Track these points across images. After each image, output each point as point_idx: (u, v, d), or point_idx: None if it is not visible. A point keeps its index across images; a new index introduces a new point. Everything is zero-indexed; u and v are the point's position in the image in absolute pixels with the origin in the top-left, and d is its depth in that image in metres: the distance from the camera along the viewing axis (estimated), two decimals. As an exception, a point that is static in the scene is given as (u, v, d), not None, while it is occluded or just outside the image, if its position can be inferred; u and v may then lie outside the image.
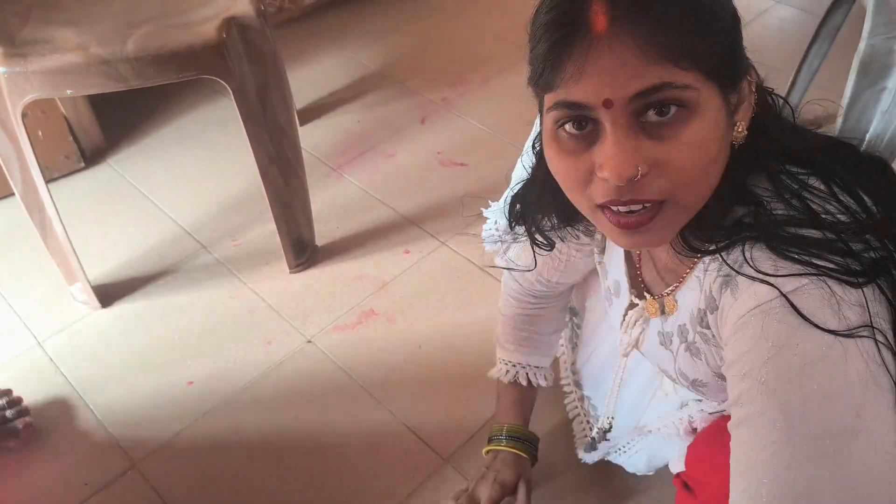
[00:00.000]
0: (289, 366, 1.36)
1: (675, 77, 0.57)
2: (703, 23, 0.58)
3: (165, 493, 1.18)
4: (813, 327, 0.57)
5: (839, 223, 0.61)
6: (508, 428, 1.09)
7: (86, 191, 1.75)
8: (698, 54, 0.58)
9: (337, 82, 2.07)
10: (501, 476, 1.05)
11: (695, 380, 0.81)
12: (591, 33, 0.56)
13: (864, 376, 0.56)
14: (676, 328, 0.78)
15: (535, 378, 1.11)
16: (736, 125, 0.64)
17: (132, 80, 1.21)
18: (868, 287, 0.59)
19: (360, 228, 1.63)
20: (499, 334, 1.13)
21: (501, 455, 1.08)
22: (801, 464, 0.55)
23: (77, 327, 1.44)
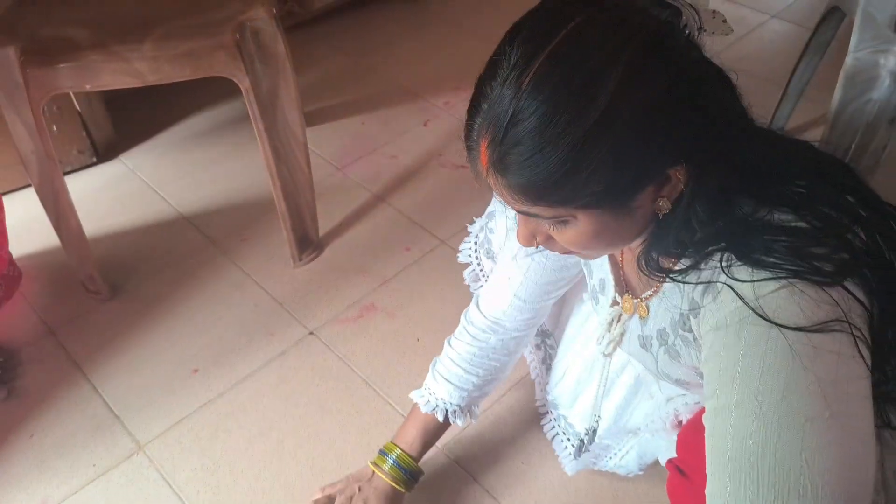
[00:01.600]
0: (291, 356, 1.40)
1: (543, 212, 0.66)
2: (565, 177, 0.62)
3: (170, 476, 1.22)
4: (783, 327, 0.61)
5: (810, 228, 0.65)
6: (400, 455, 1.08)
7: (97, 185, 1.79)
8: (561, 199, 0.64)
9: (343, 86, 2.12)
10: None
11: (677, 379, 0.85)
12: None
13: (835, 368, 0.60)
14: (656, 332, 0.82)
15: (452, 417, 1.08)
16: (658, 201, 0.67)
17: (149, 76, 1.26)
18: (840, 286, 0.62)
19: (362, 226, 1.67)
20: (439, 362, 1.10)
21: (378, 483, 1.07)
22: (775, 450, 0.59)
23: (87, 317, 1.48)
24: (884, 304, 0.65)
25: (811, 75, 1.66)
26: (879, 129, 1.30)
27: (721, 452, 0.62)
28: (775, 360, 0.61)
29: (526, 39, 0.62)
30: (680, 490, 0.88)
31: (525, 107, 0.60)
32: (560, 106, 0.59)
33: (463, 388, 1.06)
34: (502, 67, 0.63)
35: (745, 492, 0.59)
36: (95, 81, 1.27)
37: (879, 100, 1.28)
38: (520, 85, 0.61)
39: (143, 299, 1.52)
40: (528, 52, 0.61)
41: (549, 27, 0.62)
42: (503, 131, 0.62)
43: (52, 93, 1.27)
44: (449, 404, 1.07)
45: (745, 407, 0.61)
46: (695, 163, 0.64)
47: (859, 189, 0.71)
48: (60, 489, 1.21)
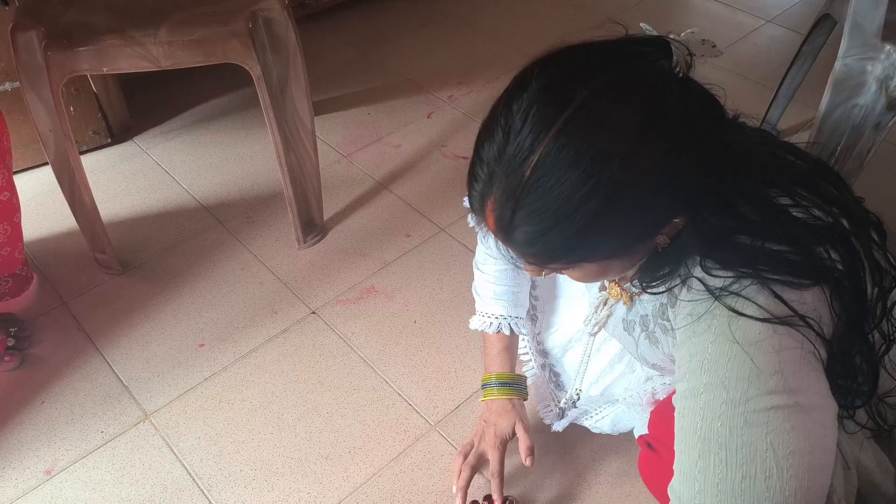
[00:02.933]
0: (293, 334, 1.46)
1: (549, 266, 0.70)
2: (574, 249, 0.65)
3: (175, 444, 1.28)
4: (751, 319, 0.65)
5: (792, 241, 0.68)
6: (497, 375, 1.15)
7: (111, 165, 1.85)
8: (570, 261, 0.68)
9: (351, 77, 2.17)
10: (499, 428, 1.11)
11: (654, 364, 0.90)
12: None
13: (798, 359, 0.64)
14: (639, 318, 0.86)
15: (517, 327, 1.15)
16: (657, 237, 0.70)
17: (163, 61, 1.31)
18: (811, 288, 0.66)
19: (365, 212, 1.73)
20: (477, 287, 1.17)
21: (494, 406, 1.13)
22: (741, 432, 0.63)
23: (98, 290, 1.54)
24: (850, 309, 0.68)
25: (802, 79, 1.70)
26: (864, 133, 1.35)
27: (691, 432, 0.66)
28: (744, 338, 0.64)
29: (526, 117, 0.62)
30: (650, 463, 0.93)
31: (532, 190, 0.61)
32: (569, 189, 0.60)
33: (509, 300, 1.14)
34: (502, 140, 0.63)
35: (714, 469, 0.64)
36: (112, 65, 1.31)
37: (865, 105, 1.33)
38: (525, 170, 0.61)
39: (152, 275, 1.57)
40: (532, 134, 0.61)
41: (550, 106, 0.61)
42: (510, 212, 0.63)
43: (70, 75, 1.32)
44: (510, 318, 1.14)
45: (713, 391, 0.65)
46: (696, 209, 0.67)
47: (841, 193, 0.74)
48: (69, 454, 1.26)
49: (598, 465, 1.24)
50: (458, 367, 1.39)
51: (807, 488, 0.63)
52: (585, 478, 1.23)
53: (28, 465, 1.25)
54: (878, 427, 0.78)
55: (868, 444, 0.83)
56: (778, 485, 0.62)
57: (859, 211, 0.74)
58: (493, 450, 1.10)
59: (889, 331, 0.75)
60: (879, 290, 0.72)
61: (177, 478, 1.23)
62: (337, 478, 1.23)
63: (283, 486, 1.22)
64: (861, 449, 0.83)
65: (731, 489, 0.63)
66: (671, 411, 0.72)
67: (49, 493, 1.21)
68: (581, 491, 1.21)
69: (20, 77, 1.29)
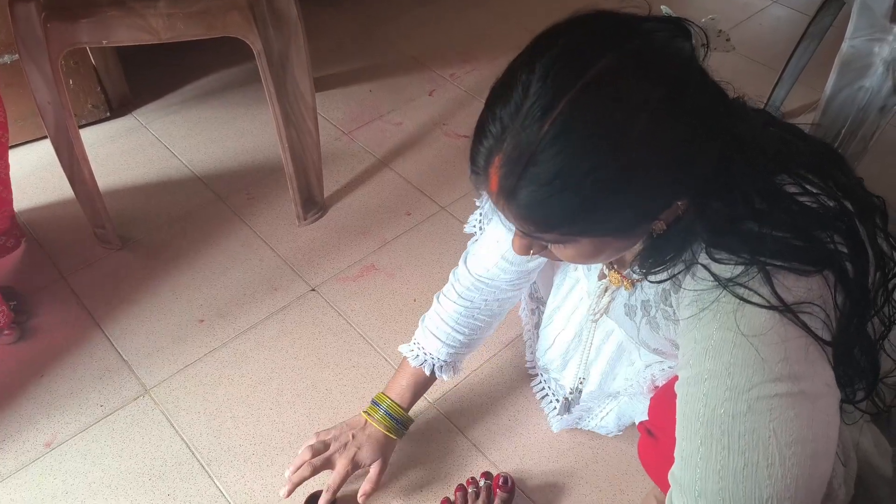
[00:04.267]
0: (293, 311, 1.46)
1: (544, 237, 0.68)
2: (580, 217, 0.63)
3: (174, 419, 1.28)
4: (756, 308, 0.64)
5: (795, 226, 0.67)
6: (390, 405, 1.12)
7: (110, 139, 1.84)
8: (571, 232, 0.66)
9: (353, 54, 2.15)
10: (360, 454, 1.09)
11: (655, 348, 0.90)
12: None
13: (804, 347, 0.63)
14: (640, 303, 0.86)
15: (439, 372, 1.13)
16: (655, 222, 0.69)
17: (163, 33, 1.29)
18: (815, 275, 0.65)
19: (366, 189, 1.72)
20: (426, 318, 1.14)
21: (371, 430, 1.11)
22: (744, 419, 0.63)
23: (98, 265, 1.54)
24: (854, 296, 0.68)
25: (808, 60, 1.69)
26: (869, 116, 1.34)
27: (693, 418, 0.66)
28: (749, 329, 0.64)
29: (548, 74, 0.60)
30: (649, 450, 0.93)
31: (546, 149, 0.60)
32: (583, 154, 0.59)
33: (450, 344, 1.11)
34: (520, 97, 0.61)
35: (717, 456, 0.63)
36: (112, 37, 1.30)
37: (871, 87, 1.31)
38: (541, 126, 0.59)
39: (152, 251, 1.57)
40: (552, 91, 0.59)
41: (574, 67, 0.60)
42: (521, 168, 0.61)
43: (70, 47, 1.30)
44: (436, 359, 1.12)
45: (717, 378, 0.65)
46: (702, 194, 0.66)
47: (846, 178, 0.74)
48: (68, 427, 1.27)
49: (597, 450, 1.25)
50: (458, 345, 1.39)
51: (809, 476, 0.63)
52: (585, 458, 1.23)
53: (28, 437, 1.25)
54: (876, 408, 0.78)
55: (867, 428, 0.84)
56: (780, 472, 0.62)
57: (864, 195, 0.74)
58: (342, 469, 1.09)
59: (890, 314, 0.74)
60: (882, 275, 0.72)
61: (176, 452, 1.24)
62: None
63: (282, 462, 1.22)
64: (861, 433, 0.83)
65: (732, 476, 0.63)
66: (671, 398, 0.71)
67: (49, 465, 1.22)
68: (581, 474, 1.22)
69: (19, 49, 1.28)
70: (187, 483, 1.20)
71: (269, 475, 1.20)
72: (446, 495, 1.17)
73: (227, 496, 1.18)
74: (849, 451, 0.81)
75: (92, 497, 1.18)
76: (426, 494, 1.19)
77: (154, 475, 1.21)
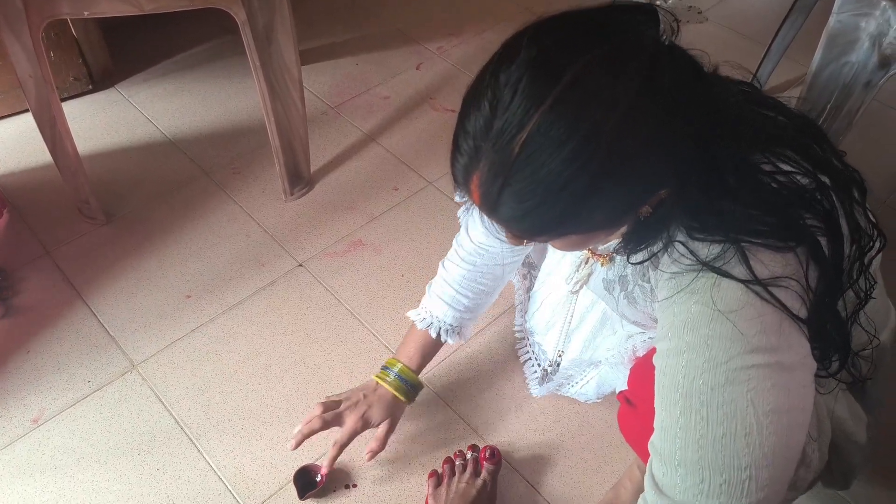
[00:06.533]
0: (280, 286, 1.46)
1: (535, 240, 0.69)
2: (561, 224, 0.64)
3: (162, 394, 1.29)
4: (733, 284, 0.65)
5: (770, 199, 0.68)
6: (402, 369, 1.14)
7: (92, 112, 1.81)
8: (556, 235, 0.67)
9: (339, 26, 2.13)
10: (370, 412, 1.11)
11: (635, 321, 0.92)
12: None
13: (779, 318, 0.65)
14: (618, 278, 0.87)
15: (445, 335, 1.14)
16: (642, 207, 0.69)
17: (145, 4, 1.27)
18: (790, 251, 0.66)
19: (353, 164, 1.71)
20: (433, 284, 1.16)
21: (382, 391, 1.13)
22: (723, 390, 0.64)
23: (83, 240, 1.53)
24: (827, 274, 0.69)
25: (795, 35, 1.69)
26: (855, 92, 1.34)
27: (672, 390, 0.67)
28: (725, 306, 0.65)
29: (515, 92, 0.60)
30: (629, 418, 0.95)
31: (520, 169, 0.60)
32: (557, 169, 0.59)
33: (455, 307, 1.13)
34: (489, 115, 0.61)
35: (696, 426, 0.65)
36: (93, 8, 1.28)
37: (857, 62, 1.32)
38: (513, 148, 0.59)
39: (137, 226, 1.56)
40: (520, 111, 0.59)
41: (540, 83, 0.59)
42: (497, 189, 0.62)
43: (50, 18, 1.28)
44: (442, 322, 1.14)
45: (696, 350, 0.66)
46: (682, 182, 0.66)
47: (824, 152, 0.74)
48: (56, 403, 1.27)
49: (583, 422, 1.27)
50: (445, 320, 1.40)
51: (785, 444, 0.64)
52: (570, 430, 1.25)
53: (15, 413, 1.25)
54: (852, 377, 0.80)
55: (842, 396, 0.86)
56: (757, 441, 0.63)
57: (842, 169, 0.75)
58: (351, 426, 1.10)
59: (866, 287, 0.76)
60: (858, 249, 0.73)
61: (165, 426, 1.24)
62: (324, 428, 1.24)
63: (270, 436, 1.23)
64: (836, 400, 0.85)
65: (711, 445, 0.64)
66: (650, 368, 0.73)
67: (37, 441, 1.22)
68: (567, 446, 1.23)
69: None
70: (176, 457, 1.20)
71: (257, 449, 1.21)
72: (434, 468, 1.18)
73: (216, 470, 1.19)
74: (823, 419, 0.83)
75: (81, 472, 1.18)
76: (414, 467, 1.20)
77: (143, 450, 1.21)
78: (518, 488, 1.18)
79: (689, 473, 0.66)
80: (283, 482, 1.17)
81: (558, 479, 1.19)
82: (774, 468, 0.64)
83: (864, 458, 0.91)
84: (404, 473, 1.19)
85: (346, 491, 1.17)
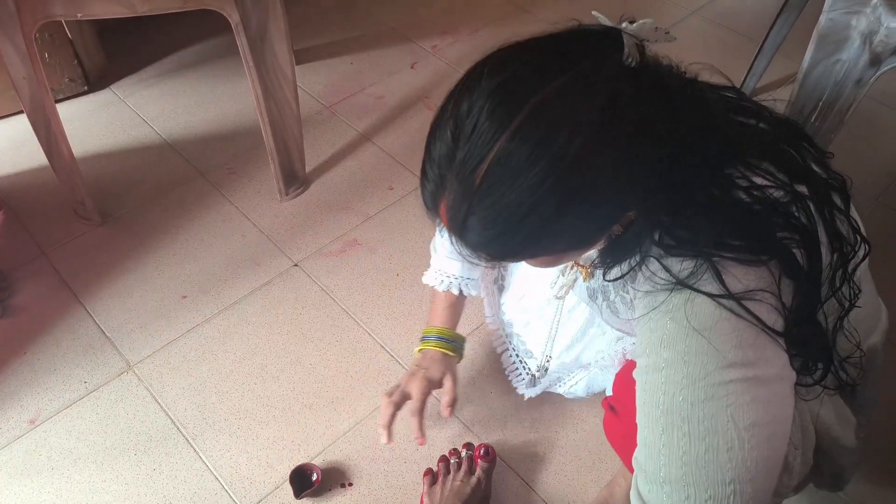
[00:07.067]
0: (275, 286, 1.46)
1: (505, 262, 0.69)
2: (526, 249, 0.65)
3: (158, 394, 1.29)
4: (706, 300, 0.65)
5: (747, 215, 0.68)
6: (438, 330, 1.17)
7: (88, 113, 1.82)
8: (524, 258, 0.68)
9: (333, 25, 2.13)
10: (429, 372, 1.13)
11: (619, 328, 0.92)
12: None
13: (755, 332, 0.65)
14: (600, 287, 0.87)
15: (466, 289, 1.16)
16: (613, 228, 0.69)
17: (139, 6, 1.27)
18: (764, 265, 0.66)
19: (347, 164, 1.71)
20: (436, 243, 1.17)
21: (430, 353, 1.15)
22: (703, 406, 0.64)
23: (79, 241, 1.53)
24: (802, 287, 0.69)
25: (787, 33, 1.69)
26: (846, 89, 1.34)
27: (653, 406, 0.68)
28: (699, 323, 0.66)
29: (476, 123, 0.60)
30: (613, 426, 0.96)
31: (482, 199, 0.60)
32: (518, 198, 0.59)
33: (464, 262, 1.12)
34: (452, 145, 0.61)
35: (678, 443, 0.65)
36: (87, 10, 1.28)
37: (848, 60, 1.32)
38: (474, 179, 0.60)
39: (133, 226, 1.56)
40: (481, 142, 0.60)
41: (500, 114, 0.59)
42: (462, 217, 0.63)
43: (43, 20, 1.28)
44: (460, 278, 1.15)
45: (674, 366, 0.66)
46: (649, 201, 0.66)
47: (804, 160, 0.74)
48: (52, 403, 1.27)
49: (577, 421, 1.27)
50: (440, 319, 1.40)
51: (767, 456, 0.65)
52: (565, 428, 1.26)
53: (12, 414, 1.26)
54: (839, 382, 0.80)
55: (829, 400, 0.86)
56: (740, 455, 0.64)
57: (823, 177, 0.74)
58: (417, 387, 1.11)
59: (850, 295, 0.76)
60: (840, 257, 0.73)
61: (161, 427, 1.25)
62: (320, 427, 1.25)
63: (266, 436, 1.24)
64: (821, 405, 0.85)
65: (695, 461, 0.65)
66: (632, 374, 0.73)
67: (34, 441, 1.23)
68: (561, 444, 1.24)
69: (-9, 22, 1.26)
70: (173, 458, 1.21)
71: (254, 449, 1.22)
72: (429, 466, 1.19)
73: (212, 470, 1.19)
74: (807, 425, 0.84)
75: (78, 473, 1.19)
76: (409, 466, 1.21)
77: (140, 450, 1.22)
78: (513, 486, 1.19)
79: (674, 490, 0.66)
80: (279, 481, 1.18)
81: (553, 477, 1.20)
82: (757, 480, 0.65)
83: (854, 461, 0.91)
84: (399, 472, 1.20)
85: (341, 490, 1.18)
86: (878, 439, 1.14)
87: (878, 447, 1.18)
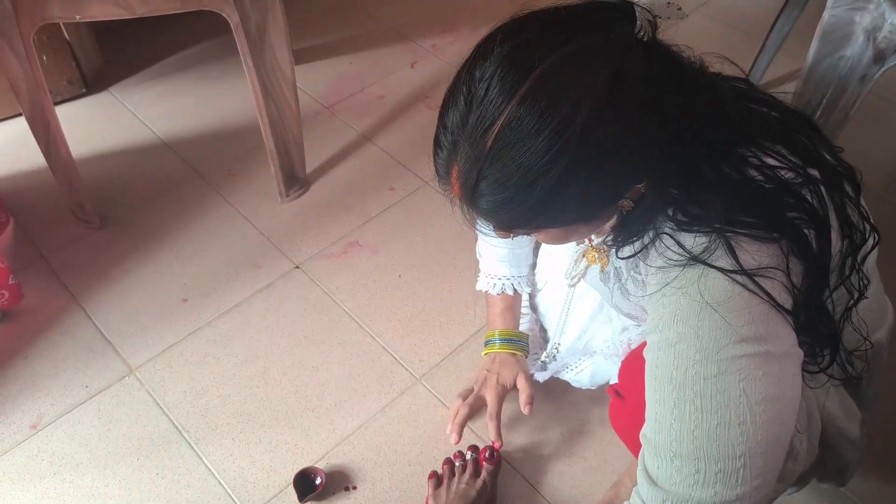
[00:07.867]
0: (277, 288, 1.45)
1: (513, 231, 0.71)
2: (537, 216, 0.66)
3: (160, 398, 1.28)
4: (720, 276, 0.66)
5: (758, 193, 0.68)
6: (502, 332, 1.19)
7: (86, 115, 1.81)
8: (534, 227, 0.68)
9: (332, 25, 2.12)
10: (502, 377, 1.15)
11: (628, 313, 0.92)
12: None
13: (767, 308, 0.65)
14: (613, 269, 0.88)
15: (519, 286, 1.19)
16: (621, 202, 0.70)
17: (137, 8, 1.27)
18: (776, 242, 0.67)
19: (348, 165, 1.71)
20: (480, 249, 1.20)
21: (499, 357, 1.18)
22: (715, 380, 0.65)
23: (78, 244, 1.52)
24: (811, 267, 0.69)
25: (790, 29, 1.68)
26: (850, 85, 1.34)
27: (665, 381, 0.68)
28: (712, 298, 0.66)
29: (488, 88, 0.62)
30: (619, 411, 0.96)
31: (492, 163, 0.62)
32: (527, 162, 0.61)
33: (511, 262, 1.17)
34: (465, 110, 0.63)
35: (690, 416, 0.66)
36: (85, 12, 1.27)
37: (852, 56, 1.32)
38: (486, 142, 0.62)
39: (132, 229, 1.55)
40: (492, 105, 0.61)
41: (511, 78, 0.61)
42: (473, 182, 0.64)
43: (41, 22, 1.27)
44: (513, 278, 1.18)
45: (687, 341, 0.66)
46: (658, 174, 0.67)
47: (815, 148, 0.74)
48: (54, 408, 1.27)
49: (583, 422, 1.26)
50: (443, 320, 1.40)
51: (777, 432, 0.66)
52: (570, 429, 1.25)
53: (13, 419, 1.25)
54: (845, 374, 0.80)
55: (834, 392, 0.86)
56: (751, 429, 0.64)
57: (834, 165, 0.75)
58: (493, 394, 1.14)
59: (859, 285, 0.76)
60: (850, 245, 0.73)
61: (163, 431, 1.24)
62: (323, 430, 1.24)
63: (269, 439, 1.23)
64: (826, 396, 0.85)
65: (706, 435, 0.65)
66: (640, 362, 0.73)
67: (36, 446, 1.22)
68: (566, 446, 1.23)
69: (-12, 25, 1.25)
70: (175, 462, 1.20)
71: (257, 452, 1.21)
72: (434, 469, 1.18)
73: (215, 474, 1.19)
74: (812, 413, 0.84)
75: (80, 478, 1.18)
76: (414, 468, 1.20)
77: (142, 454, 1.21)
78: (518, 488, 1.18)
79: (684, 464, 0.66)
80: (282, 485, 1.17)
81: (558, 479, 1.19)
82: (767, 456, 0.65)
83: (858, 454, 0.92)
84: (404, 475, 1.19)
85: (346, 493, 1.17)
86: (883, 437, 1.13)
87: (883, 444, 1.18)
